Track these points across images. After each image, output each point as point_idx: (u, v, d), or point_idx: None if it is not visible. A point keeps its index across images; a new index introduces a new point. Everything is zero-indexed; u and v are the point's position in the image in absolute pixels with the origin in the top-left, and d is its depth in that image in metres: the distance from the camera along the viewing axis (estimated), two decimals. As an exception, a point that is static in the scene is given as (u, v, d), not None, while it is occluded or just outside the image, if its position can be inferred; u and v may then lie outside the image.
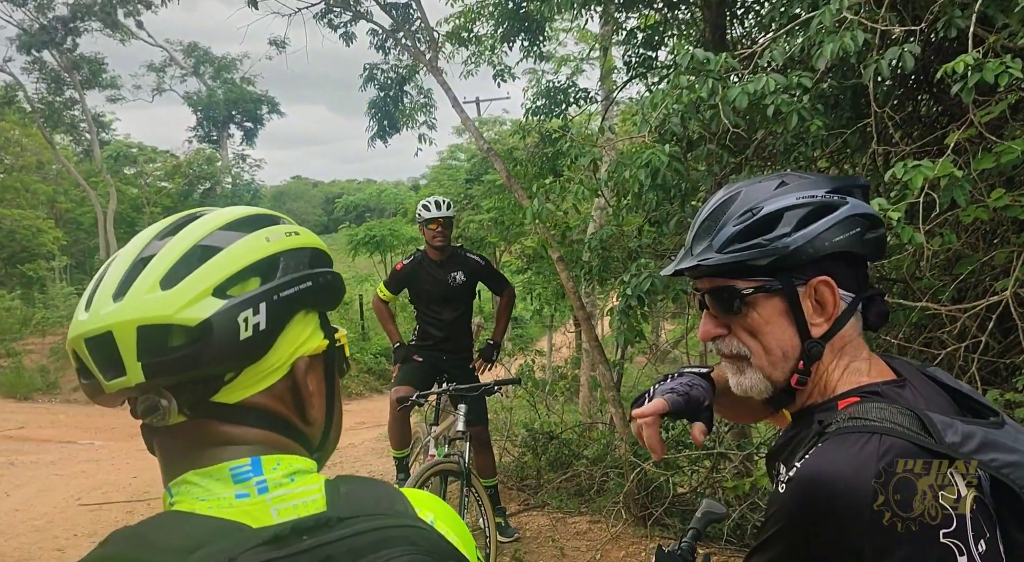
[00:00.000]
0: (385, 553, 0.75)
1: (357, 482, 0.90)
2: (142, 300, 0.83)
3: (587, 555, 5.20)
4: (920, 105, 4.60)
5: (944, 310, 3.57)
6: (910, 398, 1.20)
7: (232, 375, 0.87)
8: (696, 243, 1.30)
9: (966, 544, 1.08)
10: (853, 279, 1.25)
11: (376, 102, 8.38)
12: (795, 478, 1.12)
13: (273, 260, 0.90)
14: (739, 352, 1.28)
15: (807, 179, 1.28)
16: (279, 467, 0.87)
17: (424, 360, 5.64)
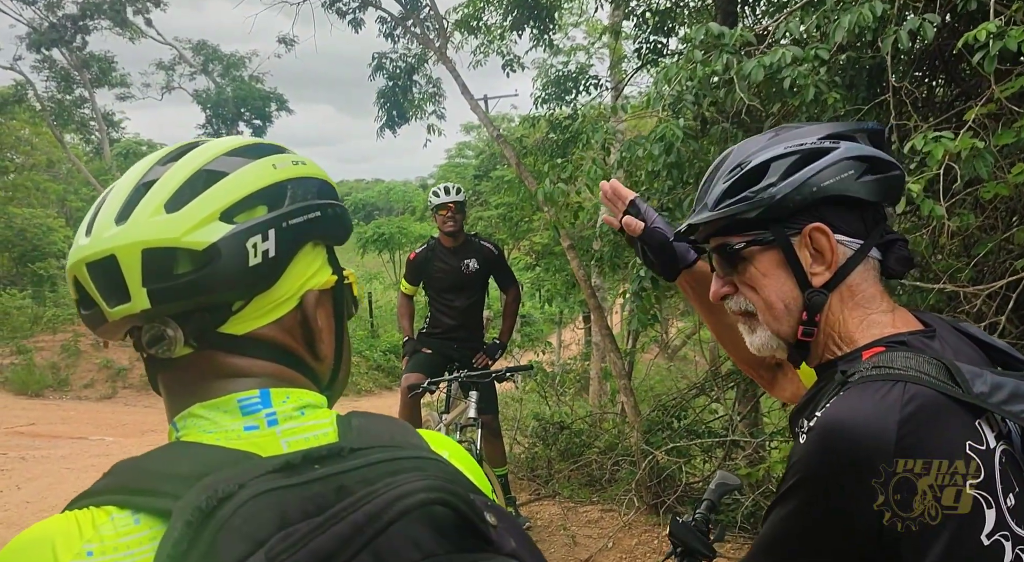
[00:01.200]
0: (400, 478, 0.70)
1: (370, 417, 0.87)
2: (147, 223, 0.80)
3: (599, 543, 5.16)
4: (937, 86, 4.55)
5: (962, 291, 3.52)
6: (939, 349, 1.15)
7: (241, 304, 0.84)
8: (697, 204, 1.31)
9: (995, 497, 1.04)
10: (859, 224, 1.21)
11: (385, 92, 8.35)
12: (815, 426, 1.08)
13: (280, 188, 0.87)
14: (746, 308, 1.27)
15: (801, 129, 1.27)
16: (289, 400, 0.84)
17: (434, 350, 5.61)
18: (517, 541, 0.73)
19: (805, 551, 1.12)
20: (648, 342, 8.49)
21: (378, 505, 0.65)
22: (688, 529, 1.78)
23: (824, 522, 1.08)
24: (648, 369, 8.55)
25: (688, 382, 6.56)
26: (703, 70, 3.27)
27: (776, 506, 1.14)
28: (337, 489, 0.70)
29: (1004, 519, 1.04)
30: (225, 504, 0.66)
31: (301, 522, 0.65)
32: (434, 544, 0.69)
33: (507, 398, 8.52)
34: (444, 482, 0.69)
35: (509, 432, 7.39)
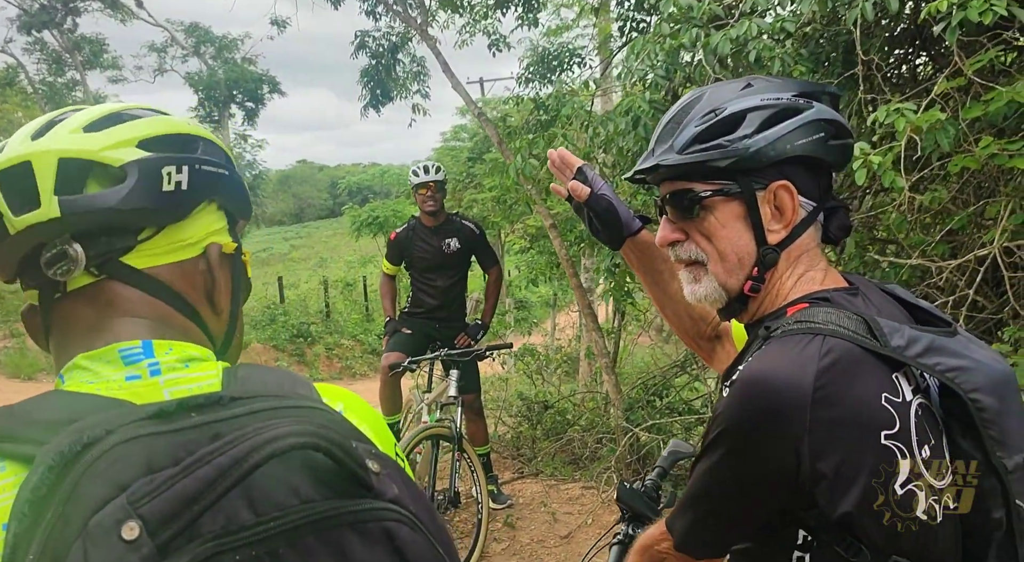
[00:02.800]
0: (273, 422, 0.69)
1: (258, 368, 0.84)
2: (65, 137, 0.80)
3: (579, 519, 5.19)
4: (921, 65, 4.54)
5: (934, 266, 3.53)
6: (860, 305, 1.17)
7: (148, 234, 0.84)
8: (658, 145, 1.27)
9: (909, 448, 1.06)
10: (815, 187, 1.22)
11: (368, 70, 8.30)
12: (737, 380, 1.10)
13: (193, 139, 0.89)
14: (696, 258, 1.26)
15: (774, 82, 1.25)
16: (172, 352, 0.82)
17: (415, 330, 5.61)
18: (401, 488, 0.72)
19: (729, 501, 1.15)
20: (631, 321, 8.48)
21: (245, 448, 0.64)
22: (636, 494, 1.79)
23: (746, 472, 1.10)
24: (632, 348, 8.55)
25: (671, 361, 6.57)
26: (671, 43, 3.26)
27: (701, 459, 1.16)
28: (212, 437, 0.68)
29: (918, 470, 1.06)
30: (90, 449, 0.64)
31: (170, 468, 0.63)
32: (312, 490, 0.67)
33: (494, 378, 8.55)
34: (319, 428, 0.68)
35: (495, 412, 7.42)
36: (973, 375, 1.08)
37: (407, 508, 0.71)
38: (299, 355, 17.65)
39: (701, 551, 1.22)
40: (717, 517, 1.17)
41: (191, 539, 0.61)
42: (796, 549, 1.11)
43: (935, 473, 1.08)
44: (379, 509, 0.68)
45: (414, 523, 0.70)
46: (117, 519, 0.60)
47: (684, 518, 1.20)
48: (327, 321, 20.04)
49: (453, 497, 4.73)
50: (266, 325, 18.57)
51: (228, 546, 0.62)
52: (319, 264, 37.97)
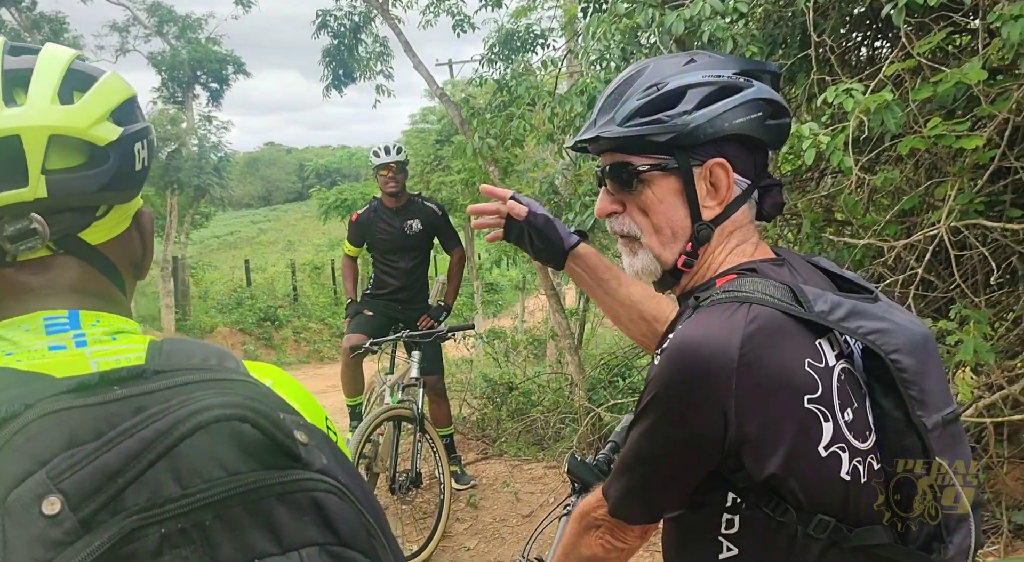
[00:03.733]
0: (198, 394, 0.67)
1: (185, 342, 0.83)
2: (49, 109, 0.78)
3: (541, 499, 5.23)
4: (867, 41, 4.59)
5: (886, 245, 3.59)
6: (786, 274, 1.21)
7: (104, 210, 0.83)
8: (600, 116, 1.28)
9: (832, 411, 1.09)
10: (751, 165, 1.24)
11: (330, 50, 8.23)
12: (667, 347, 1.12)
13: (132, 102, 0.88)
14: (631, 231, 1.28)
15: (717, 58, 1.26)
16: (99, 324, 0.81)
17: (377, 312, 5.59)
18: (329, 459, 0.72)
19: (661, 464, 1.18)
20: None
21: (169, 421, 0.63)
22: (586, 467, 1.82)
23: (676, 435, 1.13)
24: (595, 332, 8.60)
25: (632, 343, 6.62)
26: (626, 23, 3.27)
27: (634, 425, 1.19)
28: (136, 410, 0.66)
29: (841, 432, 1.10)
30: (8, 424, 0.63)
31: (92, 442, 0.62)
32: (239, 462, 0.66)
33: (459, 361, 8.56)
34: (246, 399, 0.67)
35: (460, 394, 7.43)
36: (893, 337, 1.12)
37: (336, 478, 0.70)
38: (266, 339, 17.55)
39: (634, 516, 1.24)
40: (649, 481, 1.20)
41: (115, 513, 0.60)
42: (725, 511, 1.14)
43: (858, 436, 1.11)
44: (307, 479, 0.68)
45: (343, 493, 0.70)
46: (37, 494, 0.59)
47: (618, 484, 1.23)
48: (295, 304, 19.93)
49: (415, 478, 4.74)
50: (233, 308, 18.44)
51: (153, 519, 0.61)
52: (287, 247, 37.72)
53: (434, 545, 4.57)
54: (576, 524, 1.32)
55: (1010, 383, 3.22)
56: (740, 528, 1.14)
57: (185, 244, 20.25)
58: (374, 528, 0.72)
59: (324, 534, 0.68)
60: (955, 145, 3.03)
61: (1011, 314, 3.59)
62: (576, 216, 3.87)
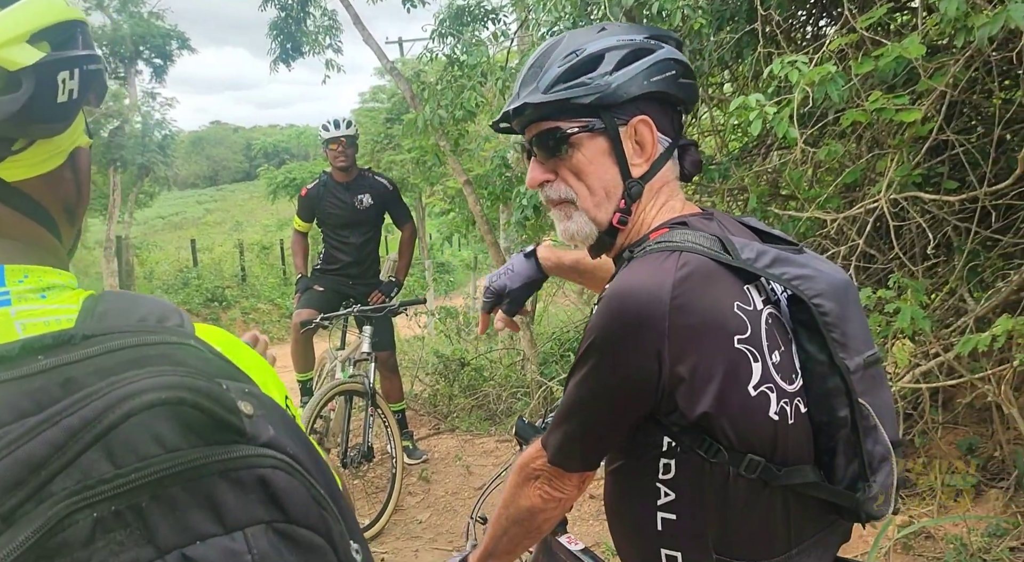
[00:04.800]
0: (131, 374, 0.61)
1: (123, 298, 0.75)
2: None
3: (493, 471, 5.27)
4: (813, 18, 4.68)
5: (828, 218, 3.68)
6: (715, 228, 1.26)
7: (22, 145, 0.75)
8: (523, 88, 1.32)
9: (760, 352, 1.15)
10: (669, 124, 1.31)
11: (277, 23, 8.08)
12: (604, 296, 1.17)
13: (74, 27, 0.78)
14: (565, 196, 1.32)
15: (626, 26, 1.34)
16: (28, 279, 0.73)
17: (328, 287, 5.55)
18: (277, 429, 0.67)
19: (599, 411, 1.22)
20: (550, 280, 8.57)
21: (97, 408, 0.58)
22: (532, 428, 1.85)
23: (613, 380, 1.17)
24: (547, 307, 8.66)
25: (584, 316, 6.69)
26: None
27: (573, 373, 1.23)
28: (64, 382, 0.60)
29: (769, 373, 1.15)
30: None
31: (14, 422, 0.57)
32: (179, 438, 0.61)
33: (411, 339, 8.55)
34: (183, 377, 0.62)
35: (411, 371, 7.43)
36: (816, 282, 1.17)
37: (284, 451, 0.66)
38: (214, 319, 17.31)
39: (573, 463, 1.28)
40: (587, 428, 1.24)
41: (40, 502, 0.55)
42: (662, 456, 1.19)
43: (785, 378, 1.17)
44: (252, 456, 0.63)
45: (291, 467, 0.65)
46: None
47: (557, 433, 1.26)
48: (243, 285, 19.66)
49: (367, 452, 4.75)
50: (179, 289, 18.13)
51: (84, 502, 0.56)
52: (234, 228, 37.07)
53: (386, 518, 4.59)
54: (516, 476, 1.35)
55: (945, 351, 3.33)
56: (676, 473, 1.18)
57: (129, 223, 19.83)
58: (325, 501, 0.68)
59: (270, 511, 0.64)
60: (895, 118, 3.11)
61: (946, 285, 3.71)
62: (528, 189, 3.89)
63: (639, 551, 1.27)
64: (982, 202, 3.33)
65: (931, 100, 3.22)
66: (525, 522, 1.35)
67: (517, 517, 1.35)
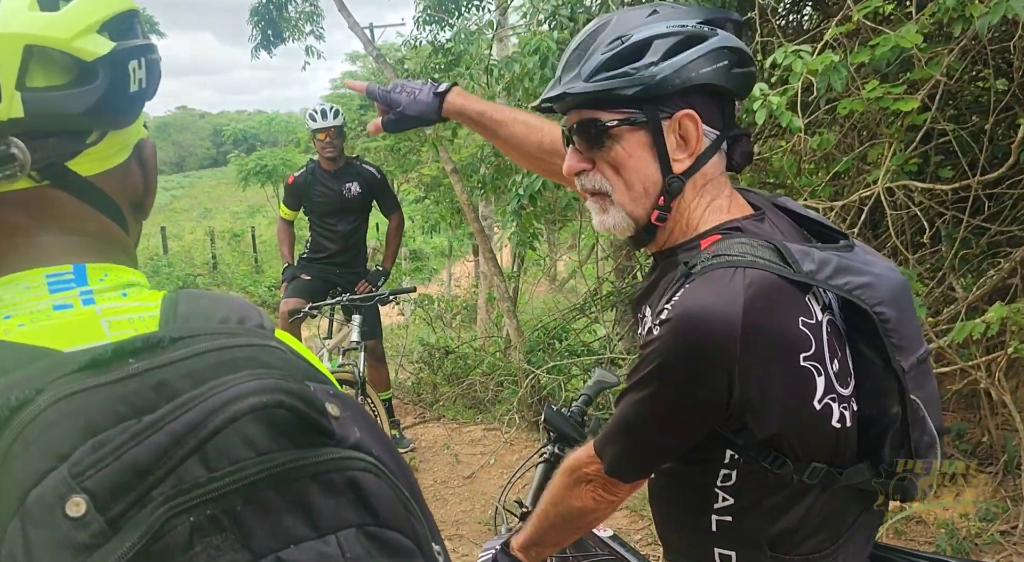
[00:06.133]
0: (229, 378, 0.61)
1: (202, 297, 0.75)
2: (24, 15, 0.67)
3: (481, 460, 5.28)
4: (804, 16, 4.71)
5: (821, 207, 3.71)
6: (768, 231, 1.23)
7: (96, 138, 0.74)
8: (565, 73, 1.26)
9: (823, 365, 1.14)
10: (719, 115, 1.24)
11: (258, 9, 7.96)
12: (671, 317, 1.13)
13: (132, 16, 0.78)
14: (601, 188, 1.26)
15: (680, 8, 1.24)
16: (108, 277, 0.73)
17: (315, 276, 5.50)
18: (363, 430, 0.66)
19: (663, 430, 1.20)
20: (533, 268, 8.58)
21: (202, 412, 0.58)
22: (563, 417, 1.85)
23: (681, 402, 1.16)
24: (531, 298, 8.68)
25: (569, 304, 6.71)
26: (577, -18, 3.27)
27: (631, 392, 1.20)
28: (156, 385, 0.60)
29: (831, 383, 1.14)
30: (20, 413, 0.57)
31: (113, 428, 0.57)
32: (270, 441, 0.60)
33: (394, 327, 8.53)
34: (279, 379, 0.62)
35: (395, 359, 7.41)
36: (877, 290, 1.15)
37: (370, 452, 0.65)
38: (186, 308, 17.10)
39: (630, 476, 1.28)
40: (649, 444, 1.23)
41: (142, 507, 0.55)
42: (723, 468, 1.19)
43: (842, 383, 1.16)
44: (342, 458, 0.63)
45: (378, 469, 0.65)
46: (60, 494, 0.54)
47: (615, 445, 1.25)
48: (214, 273, 19.45)
49: (357, 441, 4.73)
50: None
51: (181, 507, 0.56)
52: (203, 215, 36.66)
53: (377, 507, 4.57)
54: (566, 477, 1.35)
55: (938, 337, 3.38)
56: (736, 480, 1.18)
57: (97, 211, 19.49)
58: (410, 503, 0.68)
59: (361, 515, 0.63)
60: (892, 107, 3.14)
61: (938, 273, 3.76)
62: (524, 178, 3.88)
63: (691, 548, 1.28)
64: (975, 191, 3.38)
65: (926, 89, 3.25)
66: (575, 520, 1.36)
67: (567, 515, 1.36)
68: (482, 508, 4.73)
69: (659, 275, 1.30)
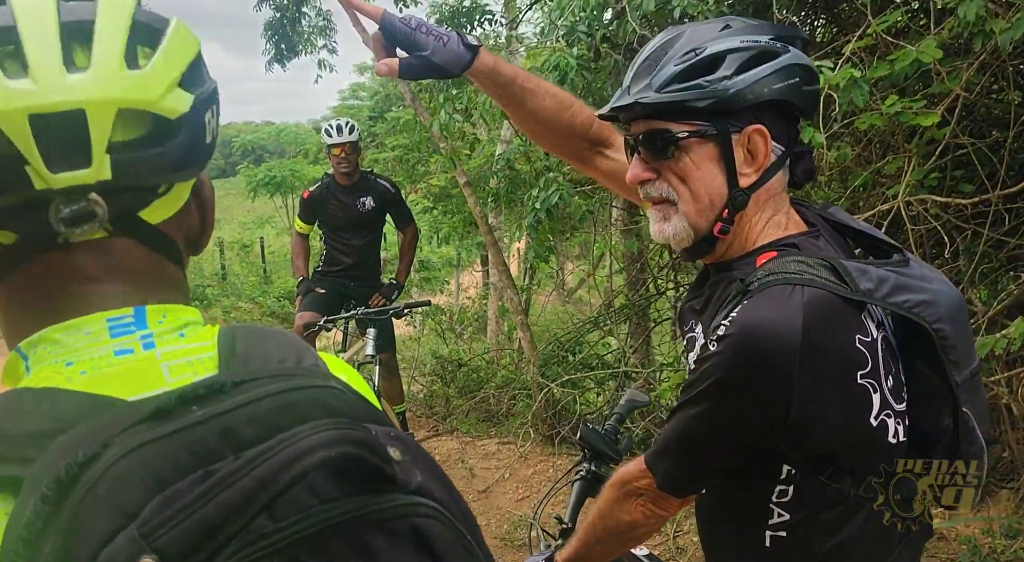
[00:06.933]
0: (297, 431, 0.60)
1: (255, 335, 0.75)
2: (117, 77, 0.67)
3: (496, 474, 5.26)
4: (817, 27, 4.71)
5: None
6: (824, 247, 1.23)
7: (166, 188, 0.74)
8: (634, 82, 1.25)
9: (879, 381, 1.14)
10: (785, 132, 1.25)
11: (272, 23, 8.00)
12: (729, 334, 1.13)
13: (200, 58, 0.77)
14: (667, 196, 1.26)
15: (751, 24, 1.25)
16: (166, 319, 0.73)
17: (329, 289, 5.52)
18: (424, 472, 0.66)
19: (718, 446, 1.21)
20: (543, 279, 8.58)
21: (272, 468, 0.57)
22: (598, 435, 1.86)
23: (738, 419, 1.16)
24: (543, 309, 8.67)
25: (583, 317, 6.70)
26: (596, 0, 3.27)
27: (686, 406, 1.20)
28: (220, 433, 0.60)
29: (887, 400, 1.15)
30: (88, 469, 0.56)
31: (180, 480, 0.56)
32: (333, 488, 0.60)
33: (405, 338, 8.53)
34: (345, 429, 0.61)
35: (408, 371, 7.41)
36: (936, 308, 1.16)
37: (432, 496, 0.65)
38: (196, 319, 17.13)
39: (683, 491, 1.28)
40: (703, 460, 1.23)
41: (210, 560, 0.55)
42: (779, 483, 1.18)
43: (896, 398, 1.17)
44: (405, 504, 0.63)
45: (440, 514, 0.65)
46: (130, 554, 0.53)
47: (668, 460, 1.25)
48: (224, 284, 19.49)
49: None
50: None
51: (248, 558, 0.55)
52: (212, 226, 36.64)
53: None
54: (616, 491, 1.35)
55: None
56: (792, 496, 1.18)
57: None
58: (472, 546, 0.67)
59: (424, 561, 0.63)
60: (912, 122, 3.13)
61: (957, 287, 3.74)
62: (540, 191, 3.88)
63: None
64: (994, 204, 3.36)
65: (945, 103, 3.25)
66: (624, 534, 1.36)
67: (615, 529, 1.36)
68: (497, 523, 4.71)
69: (711, 289, 1.30)
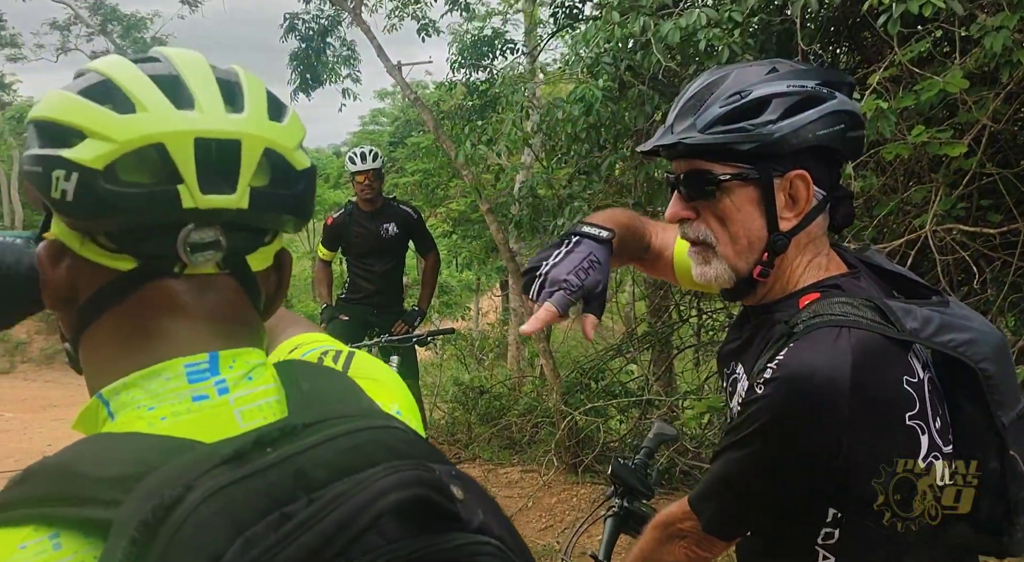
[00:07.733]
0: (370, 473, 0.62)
1: (315, 374, 0.80)
2: (264, 122, 0.76)
3: (519, 503, 5.24)
4: (841, 54, 4.72)
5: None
6: (866, 288, 1.23)
7: (271, 237, 0.81)
8: (678, 121, 1.25)
9: (927, 423, 1.14)
10: (827, 177, 1.24)
11: (298, 54, 8.12)
12: (777, 377, 1.13)
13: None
14: (705, 239, 1.26)
15: (798, 68, 1.25)
16: (236, 364, 0.76)
17: (353, 317, 5.55)
18: (484, 509, 0.68)
19: (765, 489, 1.20)
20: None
21: (350, 511, 0.59)
22: (629, 470, 1.85)
23: (786, 463, 1.16)
24: (564, 336, 8.66)
25: (605, 344, 6.68)
26: (621, 32, 3.31)
27: (733, 449, 1.20)
28: (294, 475, 0.62)
29: (935, 441, 1.14)
30: (173, 512, 0.57)
31: (258, 522, 0.58)
32: (398, 529, 0.62)
33: (426, 365, 8.53)
34: (415, 471, 0.63)
35: (429, 397, 7.40)
36: (980, 347, 1.15)
37: (492, 534, 0.67)
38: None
39: (730, 534, 1.28)
40: (749, 504, 1.23)
41: None
42: (826, 526, 1.17)
43: (943, 440, 1.16)
44: (468, 544, 0.64)
45: (501, 553, 0.66)
46: None
47: (714, 503, 1.24)
48: (246, 309, 19.62)
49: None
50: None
51: None
52: (233, 251, 36.89)
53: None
54: (659, 533, 1.34)
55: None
56: (839, 539, 1.17)
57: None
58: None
59: None
60: (939, 152, 3.12)
61: (986, 317, 3.71)
62: (566, 222, 3.90)
63: None
64: (1023, 234, 3.34)
65: (972, 133, 3.24)
66: None
67: None
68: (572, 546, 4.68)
69: (752, 332, 1.30)
